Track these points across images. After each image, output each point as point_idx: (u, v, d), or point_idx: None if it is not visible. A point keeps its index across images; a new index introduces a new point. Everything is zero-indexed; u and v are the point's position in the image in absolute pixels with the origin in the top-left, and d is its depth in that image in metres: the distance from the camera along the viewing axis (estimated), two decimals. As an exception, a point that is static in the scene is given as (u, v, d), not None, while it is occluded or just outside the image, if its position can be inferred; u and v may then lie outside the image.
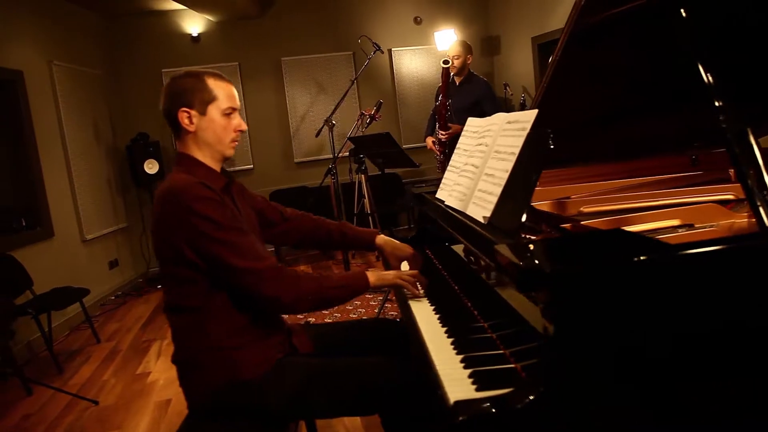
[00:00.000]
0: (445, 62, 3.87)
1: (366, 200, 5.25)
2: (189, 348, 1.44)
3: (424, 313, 1.42)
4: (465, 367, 1.10)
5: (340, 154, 4.61)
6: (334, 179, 4.46)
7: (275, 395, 1.40)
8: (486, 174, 1.47)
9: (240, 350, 1.43)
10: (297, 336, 1.59)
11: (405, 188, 6.26)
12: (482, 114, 3.98)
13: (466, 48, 4.11)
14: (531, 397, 0.87)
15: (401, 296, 1.63)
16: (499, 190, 1.33)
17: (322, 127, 4.60)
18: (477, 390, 1.00)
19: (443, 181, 1.84)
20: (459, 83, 4.15)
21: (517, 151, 1.32)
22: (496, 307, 1.20)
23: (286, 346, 1.53)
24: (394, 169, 5.46)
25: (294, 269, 1.44)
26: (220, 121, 1.49)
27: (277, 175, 6.07)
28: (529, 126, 1.32)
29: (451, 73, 4.12)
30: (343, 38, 6.02)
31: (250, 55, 5.81)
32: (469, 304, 1.41)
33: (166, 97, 1.48)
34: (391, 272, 1.61)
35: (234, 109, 1.51)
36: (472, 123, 1.83)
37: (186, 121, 1.47)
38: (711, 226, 1.35)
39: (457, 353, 1.17)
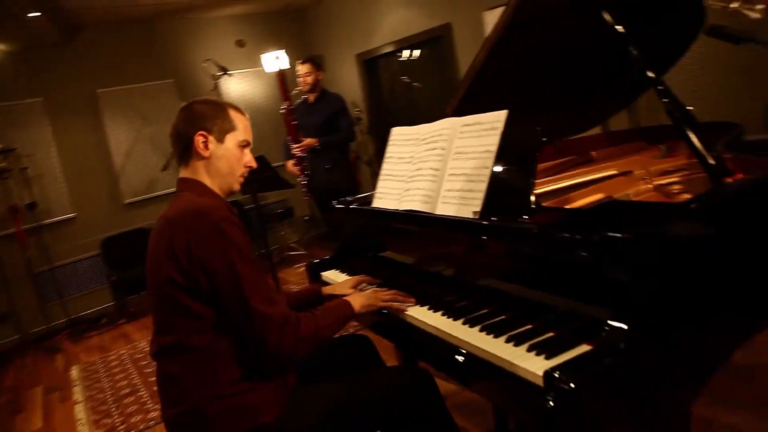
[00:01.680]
0: (278, 66, 3.92)
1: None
2: (194, 398, 1.30)
3: (428, 317, 1.45)
4: (515, 345, 1.19)
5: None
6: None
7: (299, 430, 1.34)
8: (451, 174, 1.59)
9: (254, 392, 1.34)
10: None
11: (249, 215, 6.09)
12: (336, 128, 4.13)
13: (316, 65, 4.20)
14: (621, 345, 1.00)
15: (388, 316, 1.58)
16: (483, 186, 1.46)
17: (169, 160, 4.30)
18: (547, 359, 1.10)
19: (381, 190, 1.91)
20: (313, 101, 4.23)
21: (494, 148, 1.47)
22: (498, 291, 1.33)
23: (287, 379, 1.47)
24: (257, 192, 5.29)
25: (293, 313, 1.38)
26: (235, 152, 1.46)
27: (106, 221, 5.45)
28: (501, 125, 1.47)
29: (302, 91, 4.18)
30: (165, 65, 5.67)
31: (57, 89, 5.15)
32: (459, 294, 1.51)
33: (183, 119, 1.44)
34: (369, 295, 1.57)
35: (249, 144, 1.49)
36: (401, 132, 1.94)
37: (201, 145, 1.43)
38: (627, 195, 1.64)
39: (496, 336, 1.26)
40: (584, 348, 1.11)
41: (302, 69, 4.14)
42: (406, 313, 1.51)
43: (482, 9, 4.83)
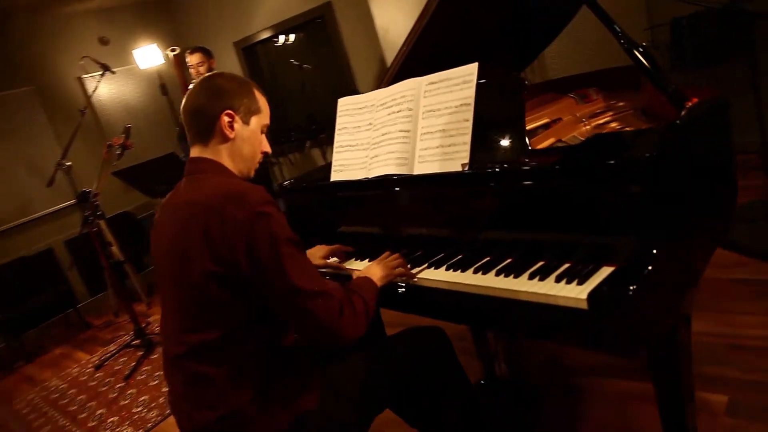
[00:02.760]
0: (172, 50, 3.65)
1: (114, 247, 4.63)
2: (236, 399, 1.20)
3: (438, 275, 1.44)
4: (540, 279, 1.24)
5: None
6: (94, 228, 3.80)
7: (341, 409, 1.29)
8: (424, 133, 1.60)
9: (292, 382, 1.27)
10: None
11: (142, 226, 5.66)
12: None
13: (207, 52, 3.95)
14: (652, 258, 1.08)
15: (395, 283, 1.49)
16: (467, 138, 1.48)
17: (55, 173, 3.84)
18: (580, 284, 1.16)
19: (340, 162, 1.87)
20: None
21: (470, 101, 1.49)
22: (493, 238, 1.38)
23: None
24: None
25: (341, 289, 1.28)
26: (259, 135, 1.38)
27: (-25, 255, 4.80)
28: (474, 77, 1.50)
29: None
30: (22, 72, 5.04)
31: None
32: (453, 249, 1.53)
33: (206, 93, 1.32)
34: (382, 266, 1.46)
35: (268, 128, 1.41)
36: (349, 101, 1.91)
37: (227, 125, 1.32)
38: (575, 137, 1.75)
39: (516, 276, 1.29)
40: (607, 269, 1.18)
41: (193, 59, 3.88)
42: (419, 276, 1.47)
43: (365, -15, 4.84)
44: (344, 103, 1.93)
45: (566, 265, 1.26)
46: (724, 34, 3.58)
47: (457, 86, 1.55)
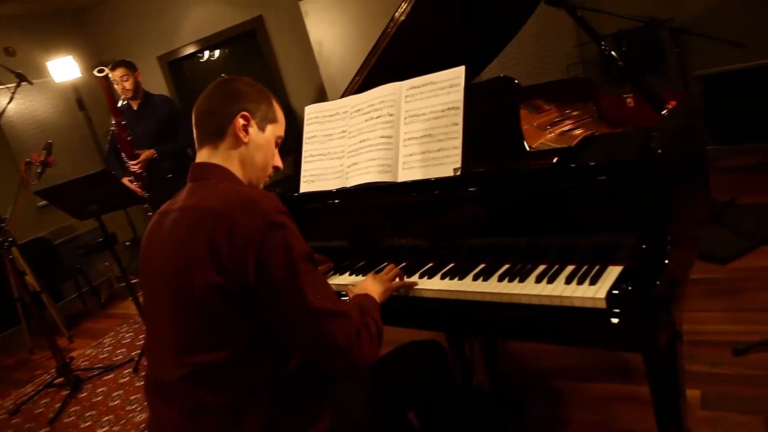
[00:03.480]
0: (100, 71, 3.41)
1: (28, 276, 4.22)
2: (247, 426, 1.07)
3: (439, 284, 1.38)
4: (549, 282, 1.22)
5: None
6: (10, 255, 3.42)
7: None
8: (408, 139, 1.55)
9: (302, 406, 1.16)
10: None
11: (59, 252, 5.21)
12: (173, 134, 3.71)
13: (130, 65, 3.71)
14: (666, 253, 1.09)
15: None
16: (458, 142, 1.44)
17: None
18: (592, 284, 1.15)
19: (311, 173, 1.78)
20: (137, 107, 3.73)
21: (459, 104, 1.46)
22: (486, 243, 1.35)
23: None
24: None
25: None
26: (273, 146, 1.31)
27: None
28: (461, 81, 1.47)
29: (124, 98, 3.68)
30: None
31: None
32: (445, 256, 1.49)
33: (221, 94, 1.26)
34: (378, 282, 1.37)
35: (282, 141, 1.33)
36: (319, 108, 1.83)
37: (242, 128, 1.24)
38: (543, 144, 1.77)
39: (521, 280, 1.26)
40: (616, 268, 1.18)
41: (116, 74, 3.61)
42: (416, 287, 1.40)
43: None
44: (312, 111, 1.85)
45: (571, 267, 1.25)
46: (646, 50, 3.83)
47: (442, 90, 1.51)
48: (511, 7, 2.15)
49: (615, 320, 1.07)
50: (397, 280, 1.41)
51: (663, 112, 1.47)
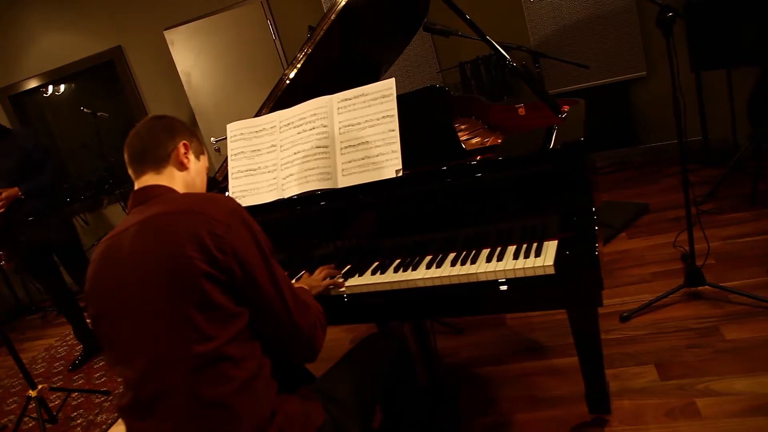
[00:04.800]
0: None
1: None
2: (248, 426, 1.07)
3: (392, 276, 1.49)
4: (499, 260, 1.39)
5: None
6: None
7: (350, 417, 1.26)
8: (345, 148, 1.66)
9: (294, 401, 1.20)
10: None
11: None
12: (34, 172, 3.39)
13: None
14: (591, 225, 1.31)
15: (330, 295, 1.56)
16: (396, 147, 1.57)
17: None
18: (537, 256, 1.34)
19: (242, 188, 1.80)
20: None
21: (393, 113, 1.60)
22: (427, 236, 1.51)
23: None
24: None
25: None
26: (206, 174, 1.45)
27: None
28: (393, 91, 1.61)
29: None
30: None
31: None
32: (390, 252, 1.60)
33: (161, 129, 1.33)
34: (308, 282, 1.54)
35: None
36: (241, 126, 1.86)
37: (183, 155, 1.33)
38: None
39: (473, 263, 1.42)
40: (553, 242, 1.38)
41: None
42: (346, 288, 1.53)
43: (161, 28, 4.65)
44: (236, 128, 1.87)
45: (512, 247, 1.43)
46: (501, 72, 4.31)
47: (375, 101, 1.64)
48: (390, 38, 2.42)
49: (567, 280, 1.26)
50: (328, 280, 1.56)
51: (562, 115, 1.74)
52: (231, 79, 4.80)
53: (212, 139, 3.56)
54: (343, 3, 1.93)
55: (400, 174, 1.55)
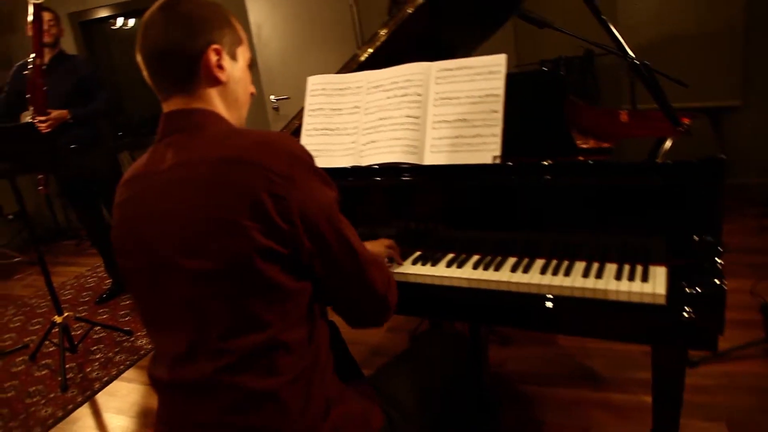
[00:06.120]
0: (37, 6, 3.01)
1: None
2: (307, 419, 0.93)
3: (470, 273, 1.33)
4: (597, 277, 1.21)
5: None
6: None
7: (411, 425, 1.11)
8: (438, 122, 1.49)
9: (353, 395, 1.06)
10: None
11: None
12: (86, 100, 3.31)
13: (56, 14, 3.29)
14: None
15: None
16: (497, 130, 1.40)
17: None
18: (644, 281, 1.15)
19: (315, 147, 1.65)
20: (50, 62, 3.29)
21: (499, 92, 1.42)
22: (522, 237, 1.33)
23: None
24: None
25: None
26: (248, 72, 1.07)
27: None
28: (502, 69, 1.44)
29: (48, 42, 3.22)
30: None
31: None
32: (477, 248, 1.44)
33: (178, 27, 0.95)
34: (376, 246, 1.38)
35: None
36: (324, 80, 1.72)
37: (216, 66, 0.98)
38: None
39: (566, 274, 1.24)
40: (661, 268, 1.20)
41: (45, 16, 3.19)
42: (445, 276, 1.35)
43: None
44: (318, 82, 1.73)
45: (612, 265, 1.25)
46: (581, 78, 4.08)
47: (480, 75, 1.47)
48: (480, 22, 2.22)
49: (686, 314, 1.08)
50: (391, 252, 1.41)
51: (681, 127, 1.54)
52: (302, 40, 4.65)
53: (272, 97, 3.43)
54: None
55: (497, 161, 1.39)
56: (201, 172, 0.89)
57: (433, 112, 1.51)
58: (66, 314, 2.88)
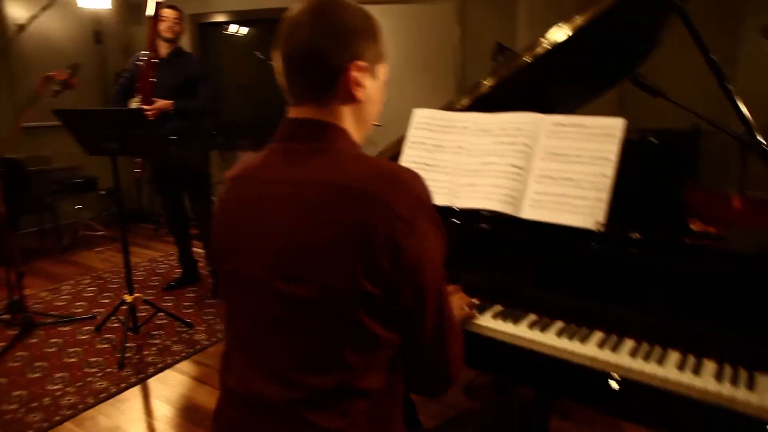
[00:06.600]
0: (159, 4, 3.21)
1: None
2: None
3: (581, 347, 1.23)
4: (693, 373, 1.11)
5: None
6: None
7: None
8: (543, 176, 1.44)
9: None
10: None
11: (31, 179, 4.80)
12: (191, 95, 3.46)
13: (181, 13, 3.51)
14: None
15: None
16: (603, 195, 1.34)
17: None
18: (749, 389, 1.05)
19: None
20: (167, 55, 3.49)
21: (613, 156, 1.36)
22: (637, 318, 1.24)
23: None
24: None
25: None
26: (384, 92, 1.01)
27: None
28: (619, 133, 1.38)
29: (168, 37, 3.43)
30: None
31: None
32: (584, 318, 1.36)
33: (327, 34, 0.90)
34: (456, 299, 1.33)
35: None
36: (430, 115, 1.71)
37: (355, 84, 0.92)
38: None
39: (659, 362, 1.15)
40: (774, 378, 1.08)
41: (171, 13, 3.40)
42: (548, 344, 1.26)
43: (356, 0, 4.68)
44: (424, 116, 1.72)
45: (711, 363, 1.15)
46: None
47: (594, 136, 1.41)
48: (590, 82, 2.18)
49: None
50: (467, 310, 1.34)
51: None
52: (402, 73, 4.73)
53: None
54: (558, 40, 1.70)
55: (600, 228, 1.32)
56: (317, 194, 0.85)
57: (538, 165, 1.46)
58: (136, 295, 2.99)
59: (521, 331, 1.31)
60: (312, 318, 0.85)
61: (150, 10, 3.28)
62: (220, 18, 5.37)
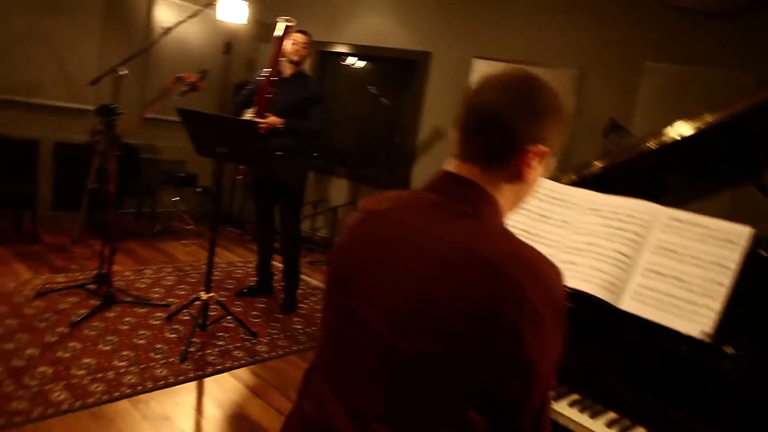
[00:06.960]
0: (289, 20, 3.41)
1: (111, 176, 4.15)
2: None
3: None
4: None
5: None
6: (110, 142, 3.35)
7: None
8: (650, 270, 1.37)
9: None
10: None
11: (142, 166, 5.17)
12: (303, 116, 3.61)
13: (311, 38, 3.71)
14: None
15: None
16: (716, 305, 1.25)
17: (103, 76, 3.39)
18: None
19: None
20: (290, 76, 3.67)
21: (732, 265, 1.28)
22: None
23: None
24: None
25: None
26: (533, 187, 0.98)
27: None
28: (743, 242, 1.29)
29: (294, 60, 3.63)
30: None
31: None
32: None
33: (521, 105, 0.89)
34: None
35: None
36: (547, 185, 1.67)
37: (528, 166, 0.90)
38: None
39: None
40: None
41: (300, 38, 3.61)
42: None
43: (471, 54, 4.76)
44: (553, 189, 1.68)
45: None
46: None
47: (714, 240, 1.34)
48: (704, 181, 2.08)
49: None
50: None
51: None
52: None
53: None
54: (685, 133, 1.64)
55: (707, 339, 1.23)
56: (452, 257, 0.82)
57: (647, 258, 1.39)
58: (211, 294, 3.10)
59: (599, 428, 1.24)
60: (404, 372, 0.84)
61: (278, 31, 3.49)
62: (340, 49, 5.63)
